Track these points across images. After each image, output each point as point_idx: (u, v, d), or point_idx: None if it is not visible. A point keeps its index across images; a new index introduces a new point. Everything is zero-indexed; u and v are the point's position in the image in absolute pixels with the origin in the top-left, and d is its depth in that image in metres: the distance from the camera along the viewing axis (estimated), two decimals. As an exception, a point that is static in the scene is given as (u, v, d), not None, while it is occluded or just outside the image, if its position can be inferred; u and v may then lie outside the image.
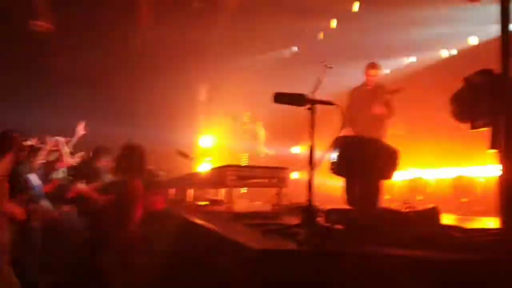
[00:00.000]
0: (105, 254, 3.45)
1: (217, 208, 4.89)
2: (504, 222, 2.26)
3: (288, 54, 9.96)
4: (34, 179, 4.51)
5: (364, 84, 5.85)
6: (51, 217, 4.76)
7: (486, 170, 6.41)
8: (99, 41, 8.54)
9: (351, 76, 6.35)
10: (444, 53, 8.65)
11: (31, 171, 4.60)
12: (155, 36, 8.59)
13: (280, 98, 2.30)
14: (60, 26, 8.34)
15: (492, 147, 2.43)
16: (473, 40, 7.99)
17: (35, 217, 4.09)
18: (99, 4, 7.95)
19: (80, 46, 8.54)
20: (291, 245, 1.88)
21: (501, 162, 2.28)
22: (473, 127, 2.50)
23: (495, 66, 2.45)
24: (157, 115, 8.85)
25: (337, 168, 2.78)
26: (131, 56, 8.82)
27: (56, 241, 4.55)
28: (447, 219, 3.55)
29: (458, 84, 2.68)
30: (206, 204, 5.30)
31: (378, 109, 5.52)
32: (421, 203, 5.67)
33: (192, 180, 6.07)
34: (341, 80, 6.65)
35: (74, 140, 6.01)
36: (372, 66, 5.77)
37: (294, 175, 8.97)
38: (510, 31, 2.37)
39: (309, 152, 2.25)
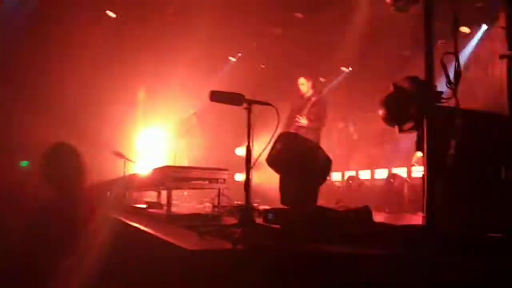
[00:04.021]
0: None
1: (155, 211, 4.77)
2: (427, 218, 2.43)
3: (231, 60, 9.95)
4: None
5: (299, 95, 6.30)
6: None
7: (415, 170, 6.86)
8: (35, 39, 8.00)
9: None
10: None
11: None
12: (91, 36, 8.21)
13: (217, 96, 2.27)
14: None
15: (418, 149, 2.60)
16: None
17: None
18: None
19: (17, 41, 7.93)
20: (227, 245, 1.88)
21: (424, 163, 2.45)
22: (400, 130, 2.64)
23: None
24: (92, 114, 8.41)
25: (273, 160, 2.79)
26: (65, 53, 8.34)
27: None
28: (379, 217, 3.74)
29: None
30: (144, 207, 5.15)
31: (300, 122, 5.98)
32: (355, 203, 5.91)
33: (130, 182, 5.87)
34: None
35: None
36: (300, 78, 6.27)
37: (238, 177, 8.99)
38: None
39: (246, 152, 2.25)
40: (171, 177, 4.32)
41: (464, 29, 6.96)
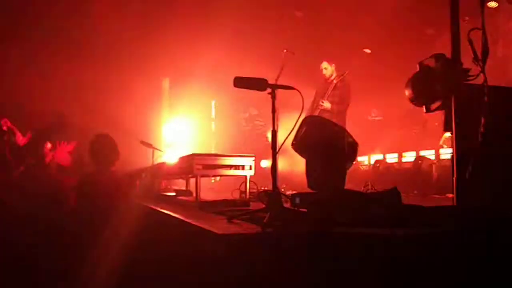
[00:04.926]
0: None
1: (184, 198, 4.87)
2: (456, 199, 2.40)
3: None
4: None
5: (323, 80, 6.31)
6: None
7: (443, 152, 6.72)
8: (59, 31, 8.15)
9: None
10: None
11: None
12: (115, 26, 8.29)
13: (240, 82, 2.28)
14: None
15: (446, 129, 2.56)
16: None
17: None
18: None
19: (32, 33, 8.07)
20: (256, 229, 1.91)
21: (452, 144, 2.41)
22: (427, 110, 2.60)
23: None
24: (120, 105, 8.54)
25: (298, 144, 2.80)
26: (93, 44, 8.46)
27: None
28: (407, 199, 3.71)
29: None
30: (173, 195, 5.26)
31: (324, 106, 6.01)
32: (383, 186, 5.86)
33: (158, 171, 5.99)
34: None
35: None
36: (323, 62, 6.27)
37: (264, 164, 9.04)
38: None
39: (271, 137, 2.27)
40: (198, 165, 4.39)
41: (492, 4, 6.70)
